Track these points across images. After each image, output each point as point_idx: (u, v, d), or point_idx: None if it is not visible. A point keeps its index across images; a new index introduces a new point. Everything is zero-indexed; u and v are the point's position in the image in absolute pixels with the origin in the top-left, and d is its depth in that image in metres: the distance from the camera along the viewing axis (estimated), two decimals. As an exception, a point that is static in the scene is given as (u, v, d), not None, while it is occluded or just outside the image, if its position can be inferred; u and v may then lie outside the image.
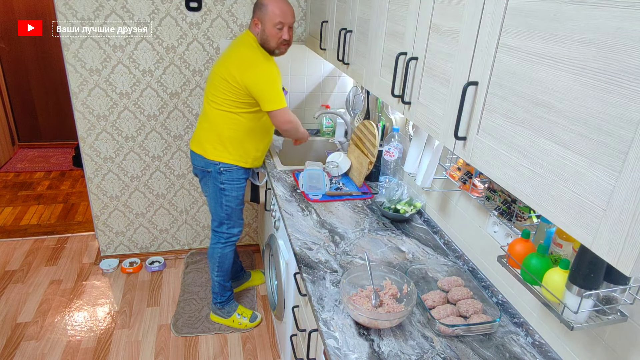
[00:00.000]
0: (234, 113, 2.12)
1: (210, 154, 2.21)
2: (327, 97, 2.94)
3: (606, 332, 1.07)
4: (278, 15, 2.01)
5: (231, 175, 2.26)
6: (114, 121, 2.75)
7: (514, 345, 1.29)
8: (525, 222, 1.32)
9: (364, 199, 2.11)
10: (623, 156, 0.63)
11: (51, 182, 4.21)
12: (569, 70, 0.71)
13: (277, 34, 2.04)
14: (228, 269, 2.46)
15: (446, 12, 1.09)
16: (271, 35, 2.04)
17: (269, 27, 2.03)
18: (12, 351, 2.34)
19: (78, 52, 2.54)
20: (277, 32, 2.04)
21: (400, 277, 1.43)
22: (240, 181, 2.32)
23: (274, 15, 2.01)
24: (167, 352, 2.39)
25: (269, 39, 2.05)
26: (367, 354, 1.23)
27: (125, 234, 3.09)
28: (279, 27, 2.03)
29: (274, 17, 2.01)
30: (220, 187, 2.26)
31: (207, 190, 2.35)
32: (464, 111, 0.99)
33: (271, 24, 2.02)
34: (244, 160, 2.27)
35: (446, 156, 1.73)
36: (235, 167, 2.26)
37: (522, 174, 0.84)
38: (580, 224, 0.71)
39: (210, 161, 2.22)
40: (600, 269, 0.97)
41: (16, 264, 3.04)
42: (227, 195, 2.29)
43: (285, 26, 2.04)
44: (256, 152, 2.28)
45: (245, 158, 2.27)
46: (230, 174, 2.26)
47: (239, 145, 2.22)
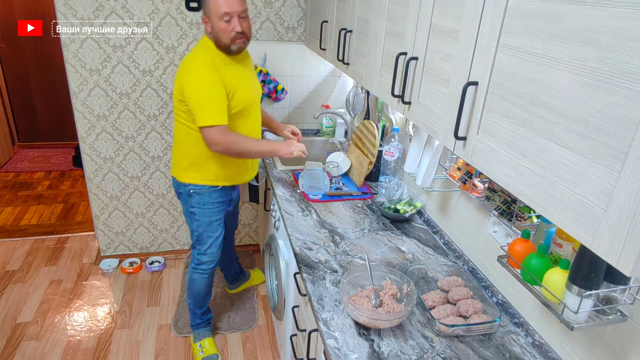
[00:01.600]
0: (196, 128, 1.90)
1: (180, 175, 2.03)
2: (327, 97, 2.94)
3: (606, 332, 1.07)
4: (221, 4, 1.76)
5: (201, 198, 2.04)
6: (114, 121, 2.75)
7: (514, 345, 1.29)
8: (525, 222, 1.32)
9: (364, 199, 2.11)
10: (623, 156, 0.63)
11: (51, 182, 4.21)
12: (568, 70, 0.71)
13: (225, 28, 1.79)
14: (198, 296, 2.27)
15: (446, 12, 1.09)
16: (220, 30, 1.79)
17: (216, 21, 1.78)
18: (12, 351, 2.34)
19: (78, 52, 2.54)
20: (226, 25, 1.78)
21: (400, 277, 1.43)
22: (214, 205, 2.08)
23: (217, 6, 1.76)
24: (167, 352, 2.39)
25: (219, 35, 1.81)
26: (367, 354, 1.23)
27: (125, 234, 3.09)
28: (226, 20, 1.77)
29: (217, 8, 1.76)
30: (190, 211, 2.09)
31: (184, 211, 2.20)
32: (464, 111, 0.99)
33: (216, 17, 1.77)
34: (217, 178, 2.03)
35: (446, 156, 1.73)
36: (206, 189, 2.03)
37: (522, 174, 0.84)
38: (580, 224, 0.71)
39: (181, 182, 2.04)
40: (600, 269, 0.97)
41: (16, 264, 3.04)
42: (197, 220, 2.09)
43: (233, 16, 1.78)
44: (236, 168, 2.06)
45: (219, 176, 2.03)
46: (200, 197, 2.04)
47: (210, 162, 1.99)
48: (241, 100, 1.90)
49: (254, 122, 2.06)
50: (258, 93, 2.08)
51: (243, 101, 1.92)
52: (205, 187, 2.03)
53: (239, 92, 1.88)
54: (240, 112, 1.93)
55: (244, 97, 1.92)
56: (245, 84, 1.94)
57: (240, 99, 1.90)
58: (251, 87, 1.99)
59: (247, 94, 1.95)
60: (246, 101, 1.94)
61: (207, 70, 1.79)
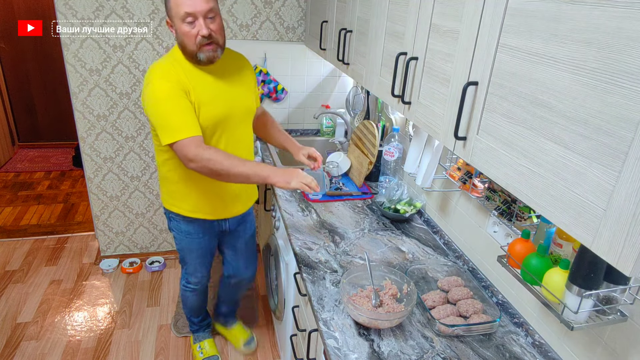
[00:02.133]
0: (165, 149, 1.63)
1: (164, 199, 1.84)
2: (327, 97, 2.94)
3: (606, 332, 1.07)
4: (182, 3, 1.43)
5: (178, 225, 1.85)
6: (114, 121, 2.75)
7: (514, 345, 1.29)
8: (525, 222, 1.32)
9: (364, 199, 2.11)
10: (623, 156, 0.63)
11: (51, 182, 4.21)
12: (568, 70, 0.71)
13: (189, 31, 1.47)
14: (193, 309, 2.22)
15: (446, 12, 1.09)
16: (184, 34, 1.48)
17: (178, 23, 1.47)
18: (12, 351, 2.34)
19: (78, 52, 2.54)
20: (189, 28, 1.46)
21: (400, 277, 1.43)
22: (193, 236, 1.86)
23: (177, 5, 1.44)
24: (167, 352, 2.39)
25: (183, 40, 1.50)
26: (367, 354, 1.23)
27: (125, 234, 3.09)
28: (189, 21, 1.45)
29: (177, 8, 1.44)
30: (171, 232, 1.92)
31: None
32: (464, 111, 0.99)
33: (178, 18, 1.46)
34: (196, 210, 1.77)
35: (446, 156, 1.73)
36: (181, 218, 1.81)
37: (522, 174, 0.84)
38: (580, 224, 0.71)
39: (164, 208, 1.87)
40: (600, 269, 0.97)
41: (16, 264, 3.04)
42: (177, 243, 1.93)
43: (198, 17, 1.45)
44: (219, 199, 1.76)
45: (198, 206, 1.76)
46: (177, 224, 1.85)
47: (187, 189, 1.73)
48: (208, 117, 1.60)
49: (232, 142, 1.71)
50: (241, 108, 1.72)
51: (211, 117, 1.60)
52: (180, 215, 1.81)
53: (204, 108, 1.58)
54: (206, 132, 1.61)
55: (212, 114, 1.60)
56: (218, 99, 1.62)
57: (208, 115, 1.59)
58: (226, 102, 1.65)
59: (217, 109, 1.61)
60: (215, 118, 1.61)
61: (164, 80, 1.50)
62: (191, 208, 1.77)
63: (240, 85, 1.72)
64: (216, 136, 1.66)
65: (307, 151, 1.83)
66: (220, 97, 1.63)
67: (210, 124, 1.61)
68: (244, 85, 1.75)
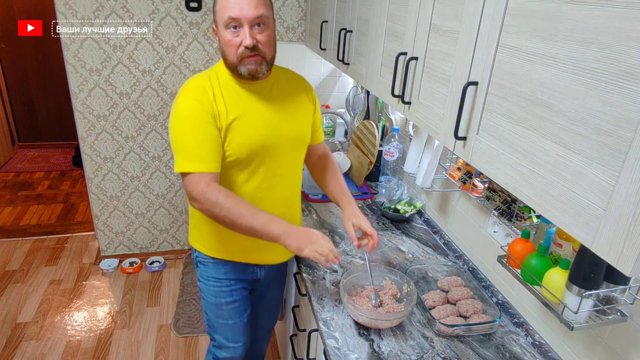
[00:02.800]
0: None
1: (190, 234, 1.58)
2: (327, 97, 2.94)
3: (606, 332, 1.07)
4: (227, 5, 1.22)
5: (206, 270, 1.53)
6: (114, 121, 2.75)
7: (514, 345, 1.29)
8: (525, 222, 1.32)
9: (364, 199, 2.11)
10: (623, 156, 0.63)
11: (51, 182, 4.21)
12: (568, 70, 0.71)
13: (230, 40, 1.25)
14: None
15: (446, 12, 1.08)
16: (225, 43, 1.27)
17: (221, 30, 1.27)
18: (12, 351, 2.34)
19: (78, 52, 2.54)
20: (231, 37, 1.25)
21: (400, 277, 1.43)
22: (222, 282, 1.53)
23: (222, 8, 1.23)
24: (167, 352, 2.39)
25: (224, 50, 1.29)
26: (367, 354, 1.23)
27: (125, 234, 3.09)
28: (232, 28, 1.24)
29: (222, 11, 1.24)
30: (198, 285, 1.60)
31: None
32: (464, 111, 0.99)
33: (222, 23, 1.25)
34: (218, 250, 1.49)
35: (446, 156, 1.73)
36: (210, 260, 1.51)
37: (522, 174, 0.84)
38: (580, 224, 0.71)
39: (192, 246, 1.57)
40: (600, 269, 0.97)
41: (16, 264, 3.04)
42: (204, 299, 1.59)
43: (243, 24, 1.23)
44: (243, 242, 1.41)
45: (219, 247, 1.48)
46: (205, 269, 1.54)
47: (205, 225, 1.47)
48: (244, 144, 1.32)
49: (267, 182, 1.40)
50: (289, 136, 1.42)
51: (246, 145, 1.33)
52: (207, 257, 1.51)
53: (240, 133, 1.31)
54: (238, 162, 1.34)
55: (249, 141, 1.33)
56: (259, 124, 1.34)
57: (243, 142, 1.32)
58: (269, 128, 1.36)
59: (255, 136, 1.33)
60: (252, 145, 1.33)
61: (190, 98, 1.29)
62: (218, 247, 1.48)
63: (293, 110, 1.44)
64: (251, 168, 1.37)
65: (359, 222, 1.41)
66: (263, 122, 1.35)
67: (246, 153, 1.33)
68: (298, 110, 1.45)
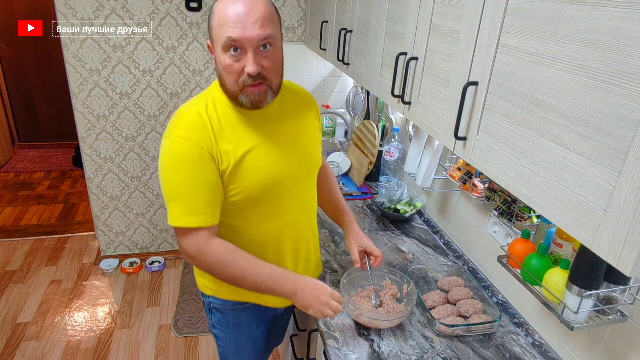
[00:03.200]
0: None
1: (197, 278, 1.37)
2: (327, 97, 2.94)
3: (606, 332, 1.07)
4: (227, 23, 1.00)
5: (224, 317, 1.36)
6: (114, 121, 2.75)
7: (514, 345, 1.29)
8: (525, 222, 1.32)
9: (364, 199, 2.11)
10: (623, 156, 0.63)
11: (51, 182, 4.21)
12: (568, 70, 0.71)
13: (230, 65, 1.04)
14: None
15: (446, 12, 1.08)
16: (224, 67, 1.05)
17: (218, 52, 1.04)
18: (12, 351, 2.34)
19: (78, 52, 2.54)
20: (232, 61, 1.03)
21: (400, 277, 1.43)
22: (241, 329, 1.38)
23: (220, 26, 1.01)
24: (167, 352, 2.39)
25: (223, 76, 1.07)
26: (367, 354, 1.23)
27: (125, 234, 3.09)
28: (232, 51, 1.02)
29: (219, 30, 1.01)
30: (213, 331, 1.44)
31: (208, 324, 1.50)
32: (464, 111, 0.99)
33: (219, 46, 1.03)
34: (241, 293, 1.29)
35: (446, 156, 1.73)
36: (230, 305, 1.34)
37: (522, 174, 0.84)
38: (580, 224, 0.71)
39: (200, 291, 1.38)
40: (600, 269, 0.97)
41: (16, 264, 3.04)
42: (220, 345, 1.44)
43: (246, 47, 1.01)
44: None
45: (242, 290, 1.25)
46: (223, 316, 1.36)
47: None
48: (255, 182, 1.14)
49: (283, 218, 1.24)
50: (304, 165, 1.25)
51: (258, 183, 1.14)
52: (228, 302, 1.33)
53: (249, 170, 1.12)
54: (249, 201, 1.16)
55: (261, 178, 1.14)
56: (270, 156, 1.15)
57: (255, 180, 1.14)
58: (283, 159, 1.18)
59: (267, 170, 1.15)
60: (264, 181, 1.15)
61: (185, 139, 1.06)
62: (233, 289, 1.29)
63: (303, 132, 1.25)
64: (263, 206, 1.19)
65: (365, 246, 1.37)
66: (274, 152, 1.16)
67: (258, 191, 1.15)
68: (308, 132, 1.27)
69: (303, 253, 1.34)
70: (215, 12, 1.03)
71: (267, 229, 1.22)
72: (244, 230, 1.20)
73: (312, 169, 1.29)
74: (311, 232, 1.37)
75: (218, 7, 1.03)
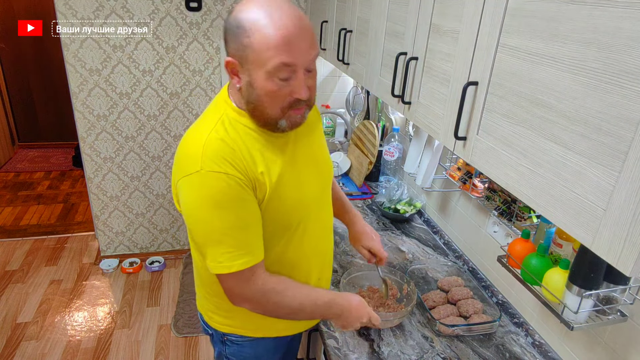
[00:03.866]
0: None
1: (206, 314, 1.26)
2: (327, 97, 2.94)
3: (606, 332, 1.07)
4: (278, 46, 0.87)
5: (240, 350, 1.27)
6: (114, 121, 2.75)
7: (514, 345, 1.29)
8: (525, 222, 1.32)
9: (364, 199, 2.11)
10: (623, 156, 0.63)
11: (51, 182, 4.21)
12: (569, 70, 0.71)
13: (279, 90, 0.92)
14: None
15: (446, 12, 1.09)
16: (268, 94, 0.93)
17: (260, 77, 0.91)
18: (12, 351, 2.34)
19: (78, 52, 2.54)
20: (281, 86, 0.92)
21: (400, 277, 1.43)
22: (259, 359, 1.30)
23: (267, 50, 0.88)
24: (167, 352, 2.39)
25: (262, 101, 0.94)
26: (367, 354, 1.23)
27: (125, 234, 3.09)
28: (283, 77, 0.91)
29: (267, 54, 0.88)
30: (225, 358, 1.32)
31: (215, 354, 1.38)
32: (464, 111, 0.99)
33: (263, 70, 0.90)
34: (262, 328, 1.23)
35: (446, 156, 1.73)
36: (247, 340, 1.25)
37: (522, 174, 0.84)
38: (580, 224, 0.71)
39: (209, 325, 1.27)
40: (600, 269, 0.97)
41: (16, 264, 3.04)
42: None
43: (298, 70, 0.92)
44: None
45: (264, 325, 1.21)
46: (239, 348, 1.27)
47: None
48: (292, 206, 1.07)
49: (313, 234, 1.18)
50: (328, 181, 1.22)
51: (294, 206, 1.08)
52: (245, 337, 1.25)
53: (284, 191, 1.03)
54: (285, 226, 1.09)
55: (296, 200, 1.08)
56: (298, 174, 1.08)
57: (289, 205, 1.06)
58: (312, 178, 1.13)
59: (301, 192, 1.09)
60: (300, 204, 1.09)
61: (222, 172, 0.93)
62: (254, 327, 1.22)
63: (318, 147, 1.19)
64: (294, 231, 1.11)
65: (370, 246, 1.35)
66: (299, 175, 1.08)
67: (294, 215, 1.09)
68: (322, 146, 1.21)
69: (326, 270, 1.30)
70: (253, 31, 0.88)
71: (296, 252, 1.15)
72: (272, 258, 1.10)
73: (329, 183, 1.24)
74: (331, 245, 1.32)
75: (258, 26, 0.87)
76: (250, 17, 0.88)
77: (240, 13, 0.90)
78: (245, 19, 0.89)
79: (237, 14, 0.90)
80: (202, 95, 2.82)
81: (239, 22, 0.89)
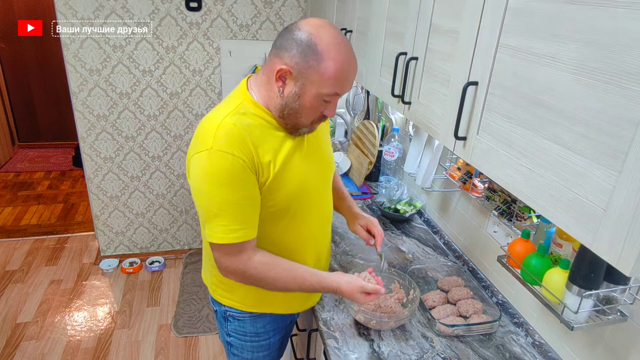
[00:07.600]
0: None
1: (211, 287, 1.35)
2: (327, 97, 2.94)
3: (606, 332, 1.07)
4: (336, 81, 1.04)
5: (241, 326, 1.34)
6: (114, 121, 2.75)
7: (514, 345, 1.29)
8: (525, 222, 1.31)
9: (364, 199, 2.11)
10: (623, 156, 0.63)
11: (51, 182, 4.21)
12: (569, 70, 0.71)
13: (317, 108, 1.08)
14: None
15: (446, 12, 1.08)
16: (308, 108, 1.08)
17: (310, 95, 1.05)
18: (12, 351, 2.34)
19: (78, 52, 2.54)
20: (319, 105, 1.08)
21: (408, 282, 1.42)
22: (262, 336, 1.36)
23: (329, 80, 1.03)
24: (167, 352, 2.39)
25: (300, 112, 1.08)
26: (367, 354, 1.23)
27: (125, 234, 3.09)
28: (327, 99, 1.07)
29: (327, 82, 1.03)
30: (227, 340, 1.39)
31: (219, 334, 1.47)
32: (464, 111, 0.99)
33: (316, 93, 1.05)
34: (261, 304, 1.30)
35: (446, 156, 1.73)
36: (247, 315, 1.32)
37: (522, 174, 0.84)
38: (580, 224, 0.71)
39: (214, 299, 1.36)
40: (600, 269, 0.97)
41: (16, 264, 3.04)
42: (235, 354, 1.40)
43: (337, 98, 1.10)
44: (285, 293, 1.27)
45: (263, 300, 1.29)
46: (240, 324, 1.33)
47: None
48: (289, 193, 1.15)
49: (311, 222, 1.26)
50: (329, 169, 1.32)
51: (292, 193, 1.16)
52: (245, 312, 1.32)
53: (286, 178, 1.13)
54: (279, 211, 1.17)
55: (294, 187, 1.16)
56: (300, 163, 1.17)
57: (288, 190, 1.15)
58: (315, 166, 1.23)
59: (300, 179, 1.17)
60: (297, 192, 1.17)
61: (228, 152, 1.03)
62: (253, 302, 1.29)
63: (322, 138, 1.30)
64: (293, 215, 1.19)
65: (365, 222, 1.43)
66: (304, 161, 1.19)
67: (291, 201, 1.17)
68: (325, 138, 1.33)
69: (324, 259, 1.38)
70: (323, 58, 1.01)
71: (293, 236, 1.23)
72: (269, 239, 1.19)
73: (331, 173, 1.34)
74: (329, 235, 1.41)
75: (329, 56, 1.01)
76: (323, 42, 1.01)
77: (314, 36, 1.01)
78: (319, 43, 1.01)
79: (311, 35, 1.01)
80: (202, 95, 2.82)
81: (311, 43, 1.01)
